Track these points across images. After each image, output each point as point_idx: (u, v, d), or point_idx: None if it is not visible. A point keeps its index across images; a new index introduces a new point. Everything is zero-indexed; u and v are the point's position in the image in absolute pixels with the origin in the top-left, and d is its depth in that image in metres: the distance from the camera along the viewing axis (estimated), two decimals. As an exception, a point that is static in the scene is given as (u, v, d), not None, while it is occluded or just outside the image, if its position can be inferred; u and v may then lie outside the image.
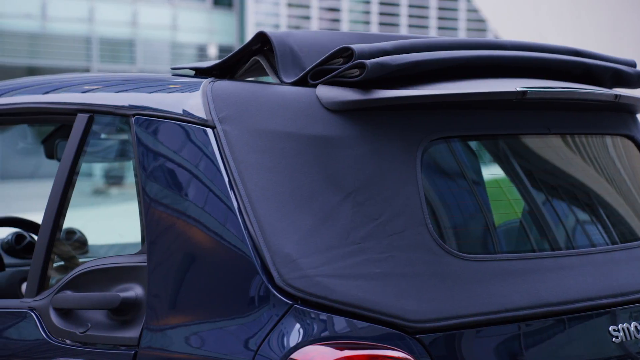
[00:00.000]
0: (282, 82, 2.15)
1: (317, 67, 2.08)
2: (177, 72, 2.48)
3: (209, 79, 2.14)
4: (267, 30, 2.21)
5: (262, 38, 2.20)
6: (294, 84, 2.13)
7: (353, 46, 2.03)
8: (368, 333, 1.89)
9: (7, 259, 3.09)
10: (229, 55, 2.30)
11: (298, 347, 1.86)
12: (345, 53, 2.05)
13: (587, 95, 2.23)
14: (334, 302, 1.89)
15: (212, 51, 22.93)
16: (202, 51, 23.01)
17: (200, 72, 2.41)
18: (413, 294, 1.92)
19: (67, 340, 2.15)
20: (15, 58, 20.32)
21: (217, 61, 2.35)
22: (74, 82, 2.46)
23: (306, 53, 2.17)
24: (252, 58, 2.25)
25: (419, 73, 2.07)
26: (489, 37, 26.45)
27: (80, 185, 2.33)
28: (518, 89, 2.06)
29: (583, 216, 2.31)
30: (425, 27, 26.20)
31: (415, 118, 2.08)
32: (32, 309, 2.22)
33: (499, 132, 2.22)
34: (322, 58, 2.08)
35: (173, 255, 2.03)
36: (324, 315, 1.89)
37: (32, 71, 20.13)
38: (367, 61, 1.99)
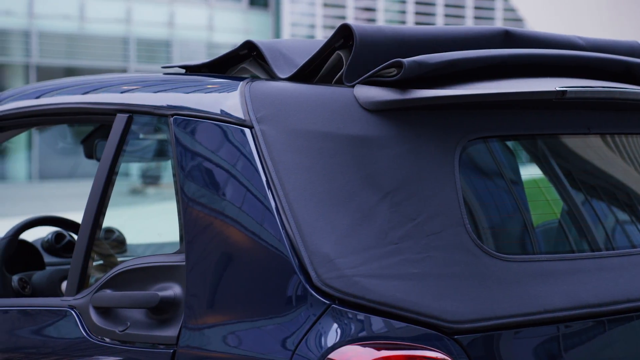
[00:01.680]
0: (276, 77, 2.18)
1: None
2: (167, 70, 2.53)
3: (246, 79, 2.15)
4: (254, 39, 2.30)
5: (249, 45, 2.29)
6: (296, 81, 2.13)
7: None
8: (406, 333, 1.88)
9: (47, 258, 3.12)
10: (217, 57, 2.37)
11: (336, 347, 1.86)
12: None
13: (628, 95, 2.20)
14: (371, 302, 1.89)
15: (248, 51, 22.98)
16: (238, 51, 23.07)
17: (190, 70, 2.47)
18: (451, 294, 1.92)
19: (106, 339, 2.16)
20: (53, 59, 20.52)
21: (206, 60, 2.41)
22: (112, 83, 2.48)
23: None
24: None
25: (457, 72, 2.06)
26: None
27: (118, 185, 2.35)
28: (557, 89, 2.04)
29: (623, 217, 2.29)
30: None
31: (454, 118, 2.07)
32: (72, 307, 2.24)
33: (537, 132, 2.21)
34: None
35: (211, 255, 2.04)
36: (361, 315, 1.89)
37: (70, 72, 20.32)
38: (405, 60, 1.99)
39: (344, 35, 2.12)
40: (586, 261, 2.10)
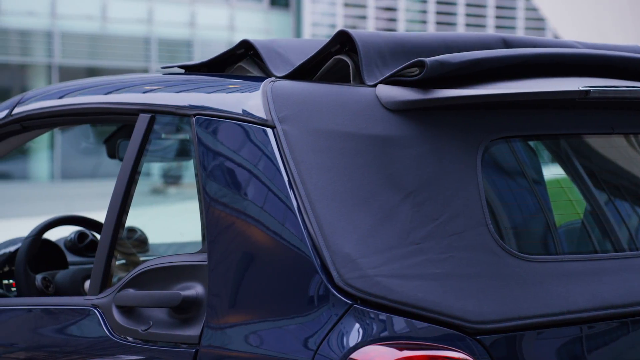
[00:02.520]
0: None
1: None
2: (167, 70, 2.56)
3: (269, 79, 2.15)
4: (251, 39, 2.34)
5: (245, 44, 2.33)
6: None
7: None
8: (428, 333, 1.88)
9: (70, 257, 3.13)
10: (214, 56, 2.41)
11: (358, 347, 1.86)
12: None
13: None
14: (393, 302, 1.88)
15: (269, 51, 22.99)
16: (259, 51, 23.09)
17: (189, 70, 2.49)
18: (473, 294, 1.91)
19: (129, 338, 2.17)
20: (76, 59, 20.62)
21: (204, 60, 2.44)
22: (135, 83, 2.48)
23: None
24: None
25: (479, 72, 2.06)
26: (548, 36, 26.15)
27: (139, 185, 2.36)
28: (581, 88, 2.04)
29: (647, 217, 2.28)
30: (482, 25, 26.00)
31: (476, 117, 2.06)
32: (95, 306, 2.25)
33: (561, 132, 2.20)
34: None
35: (233, 254, 2.04)
36: (383, 315, 1.89)
37: (92, 72, 20.41)
38: (427, 59, 1.99)
39: (340, 41, 2.14)
40: (610, 261, 2.09)
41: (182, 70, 2.54)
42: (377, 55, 2.13)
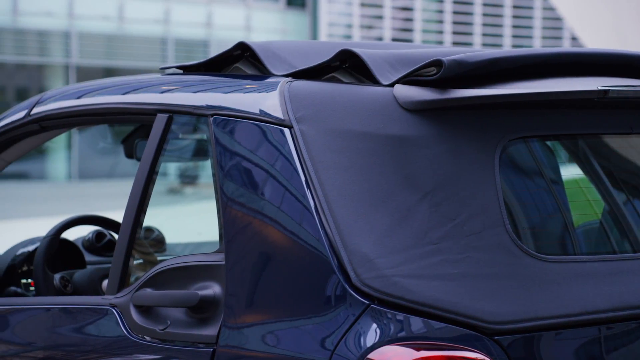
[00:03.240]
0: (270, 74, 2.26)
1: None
2: (166, 71, 2.59)
3: (286, 79, 2.15)
4: (247, 40, 2.37)
5: (242, 46, 2.37)
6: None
7: None
8: (445, 334, 1.88)
9: (88, 257, 3.14)
10: (211, 57, 2.44)
11: (375, 347, 1.86)
12: None
13: None
14: (410, 302, 1.88)
15: (286, 51, 23.01)
16: (275, 51, 23.10)
17: (187, 70, 2.52)
18: (491, 294, 1.91)
19: (146, 337, 2.17)
20: (93, 59, 20.70)
21: (202, 60, 2.47)
22: (152, 83, 2.49)
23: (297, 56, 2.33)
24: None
25: (497, 71, 2.05)
26: (565, 36, 26.05)
27: (156, 185, 2.36)
28: (599, 88, 2.03)
29: (666, 217, 2.26)
30: (499, 25, 25.93)
31: (494, 118, 2.06)
32: (113, 305, 2.26)
33: (579, 132, 2.19)
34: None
35: (250, 254, 2.04)
36: (400, 316, 1.88)
37: (109, 72, 20.47)
38: (444, 59, 1.99)
39: (340, 59, 2.15)
40: (628, 262, 2.08)
41: (181, 71, 2.56)
42: (383, 61, 2.13)
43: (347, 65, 2.16)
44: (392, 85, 2.08)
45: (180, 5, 21.56)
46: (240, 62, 2.43)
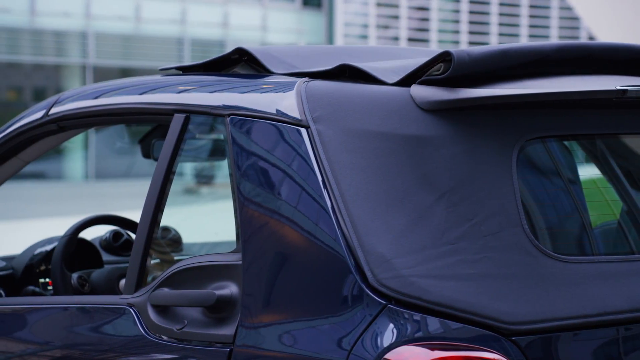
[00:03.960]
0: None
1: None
2: (165, 72, 2.62)
3: (303, 79, 2.15)
4: (244, 46, 2.45)
5: (240, 51, 2.43)
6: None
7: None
8: (462, 334, 1.87)
9: (105, 256, 3.15)
10: (210, 59, 2.50)
11: (392, 347, 1.85)
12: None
13: None
14: (427, 302, 1.88)
15: (302, 51, 23.01)
16: (291, 51, 23.12)
17: (185, 71, 2.56)
18: (509, 295, 1.90)
19: (163, 337, 2.18)
20: (110, 59, 20.77)
21: (200, 62, 2.53)
22: (169, 83, 2.49)
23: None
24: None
25: (509, 66, 2.04)
26: (583, 35, 25.93)
27: (172, 184, 2.37)
28: (618, 88, 2.02)
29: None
30: (516, 25, 25.85)
31: (511, 117, 2.05)
32: (130, 305, 2.26)
33: (596, 132, 2.18)
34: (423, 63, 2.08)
35: (266, 254, 2.05)
36: (417, 316, 1.88)
37: (126, 72, 20.53)
38: (453, 50, 1.98)
39: (341, 69, 2.19)
40: None
41: (178, 73, 2.59)
42: (382, 69, 2.16)
43: (347, 75, 2.18)
44: (397, 84, 2.07)
45: (196, 5, 21.61)
46: (238, 66, 2.47)
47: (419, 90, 2.05)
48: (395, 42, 24.47)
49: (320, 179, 2.00)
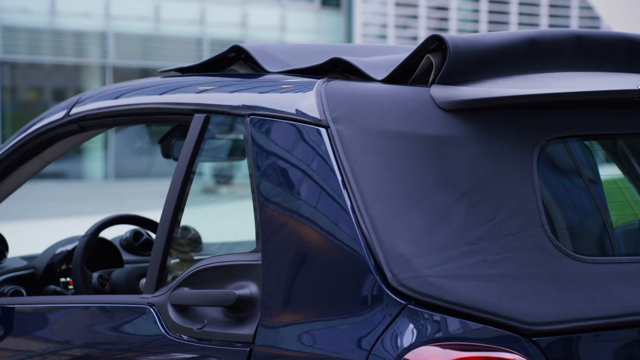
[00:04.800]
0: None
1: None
2: (166, 74, 2.66)
3: (322, 79, 2.15)
4: (242, 44, 2.50)
5: (236, 49, 2.49)
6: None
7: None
8: (482, 335, 1.87)
9: (126, 256, 3.16)
10: (207, 59, 2.55)
11: (412, 347, 1.85)
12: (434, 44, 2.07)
13: None
14: (448, 302, 1.88)
15: (320, 51, 23.02)
16: (310, 51, 23.13)
17: (184, 72, 2.60)
18: (529, 295, 1.89)
19: (183, 336, 2.18)
20: (129, 60, 20.84)
21: (197, 62, 2.57)
22: (189, 83, 2.50)
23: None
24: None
25: (511, 58, 2.04)
26: (602, 34, 25.74)
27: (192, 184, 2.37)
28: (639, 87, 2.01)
29: None
30: (536, 24, 25.74)
31: (532, 117, 2.05)
32: (151, 304, 2.27)
33: (617, 132, 2.17)
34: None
35: (286, 254, 2.05)
36: (437, 316, 1.88)
37: (145, 73, 20.59)
38: (447, 37, 1.99)
39: (333, 63, 2.24)
40: None
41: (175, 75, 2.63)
42: (373, 64, 2.20)
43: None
44: (429, 85, 2.08)
45: (215, 5, 21.65)
46: (236, 64, 2.51)
47: (439, 90, 2.04)
48: (414, 42, 24.43)
49: (340, 178, 2.00)
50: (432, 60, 2.09)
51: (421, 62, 2.11)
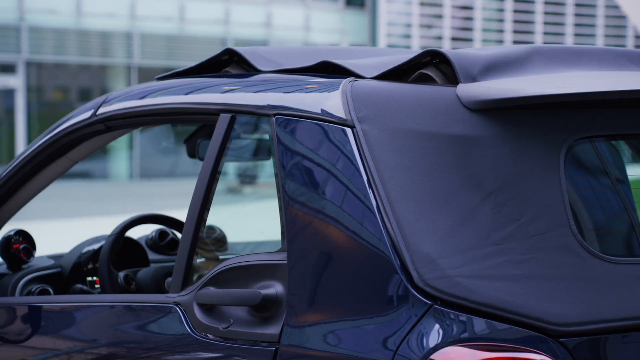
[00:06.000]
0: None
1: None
2: (162, 78, 2.68)
3: (348, 79, 2.15)
4: (234, 47, 2.52)
5: (229, 52, 2.52)
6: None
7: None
8: (509, 335, 1.86)
9: (151, 255, 3.17)
10: (200, 62, 2.59)
11: (438, 347, 1.85)
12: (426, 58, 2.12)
13: None
14: (474, 303, 1.87)
15: (345, 51, 23.03)
16: (334, 51, 23.13)
17: (180, 75, 2.64)
18: (556, 296, 1.88)
19: (209, 335, 2.19)
20: (154, 60, 20.93)
21: (193, 65, 2.62)
22: (214, 83, 2.51)
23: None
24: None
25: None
26: (629, 34, 25.61)
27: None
28: None
29: None
30: (561, 24, 25.61)
31: (559, 117, 2.04)
32: (177, 304, 2.27)
33: None
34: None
35: (311, 254, 2.05)
36: (463, 316, 1.87)
37: (170, 72, 20.64)
38: (447, 52, 2.02)
39: (322, 65, 2.30)
40: None
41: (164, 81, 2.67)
42: (362, 66, 2.23)
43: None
44: (455, 84, 2.08)
45: (240, 5, 21.70)
46: (230, 66, 2.55)
47: (465, 89, 2.04)
48: (439, 41, 24.37)
49: (365, 178, 1.99)
50: (429, 74, 2.13)
51: (413, 75, 2.16)
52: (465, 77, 2.05)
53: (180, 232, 3.11)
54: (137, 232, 3.20)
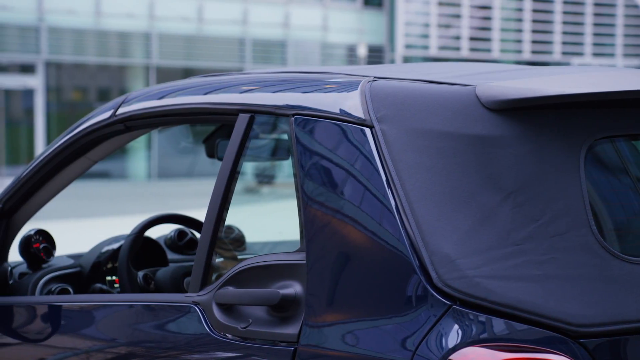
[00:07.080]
0: None
1: None
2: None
3: (367, 78, 2.15)
4: None
5: None
6: None
7: None
8: (528, 336, 1.85)
9: (170, 255, 3.18)
10: None
11: (457, 348, 1.84)
12: None
13: None
14: (493, 303, 1.86)
15: (362, 51, 23.07)
16: (351, 51, 23.18)
17: None
18: (576, 296, 1.88)
19: (228, 335, 2.19)
20: (173, 60, 20.99)
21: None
22: (233, 83, 2.51)
23: None
24: None
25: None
26: (648, 32, 25.44)
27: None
28: None
29: None
30: (580, 23, 25.50)
31: (579, 117, 2.03)
32: (196, 303, 2.27)
33: None
34: None
35: (330, 253, 2.05)
36: (482, 317, 1.87)
37: (188, 73, 20.72)
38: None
39: None
40: None
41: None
42: None
43: None
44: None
45: (258, 5, 21.72)
46: None
47: (484, 89, 2.03)
48: (457, 41, 24.30)
49: (384, 178, 1.99)
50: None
51: None
52: None
53: (199, 232, 3.12)
54: (156, 232, 3.21)
